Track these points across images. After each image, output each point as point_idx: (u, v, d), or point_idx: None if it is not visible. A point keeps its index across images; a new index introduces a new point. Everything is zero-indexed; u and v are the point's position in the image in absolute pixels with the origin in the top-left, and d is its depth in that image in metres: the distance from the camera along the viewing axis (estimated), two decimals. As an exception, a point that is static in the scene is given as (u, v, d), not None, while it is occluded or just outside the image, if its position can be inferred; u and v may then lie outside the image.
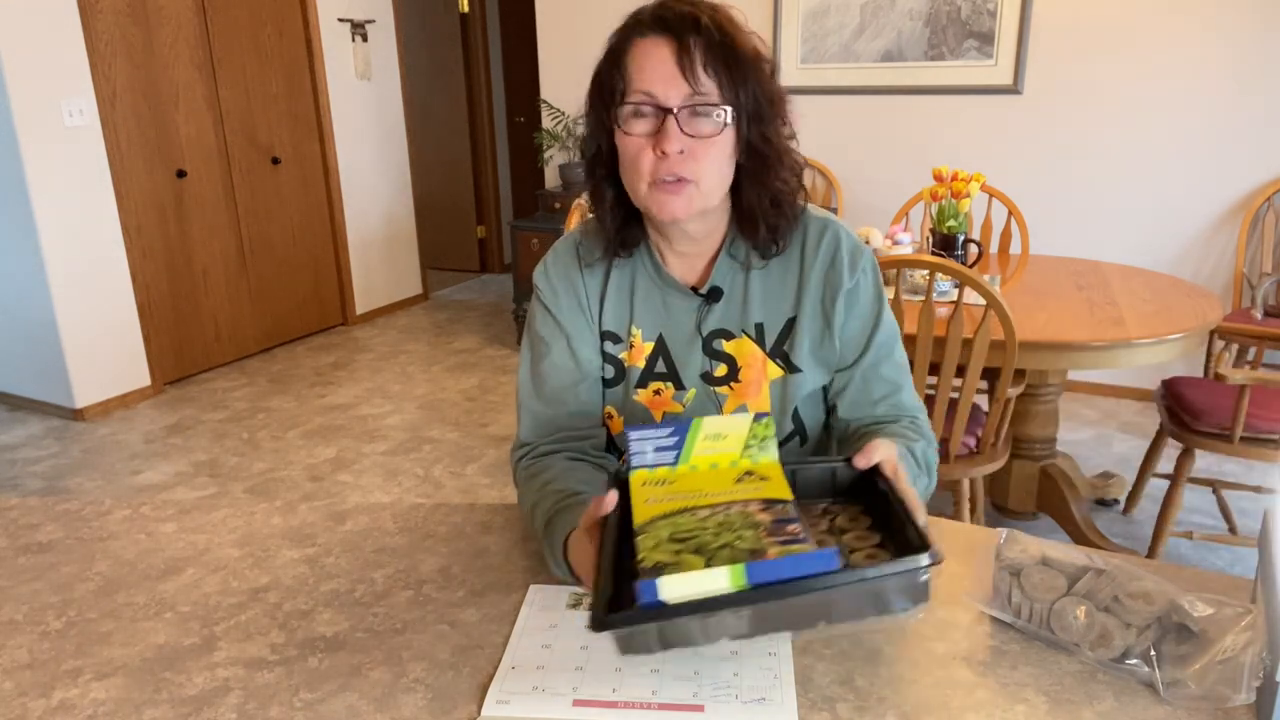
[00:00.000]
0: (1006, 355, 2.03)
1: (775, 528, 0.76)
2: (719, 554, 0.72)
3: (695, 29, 0.96)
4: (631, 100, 0.97)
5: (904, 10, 3.81)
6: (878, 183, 3.96)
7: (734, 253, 1.08)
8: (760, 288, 1.08)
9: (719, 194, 1.02)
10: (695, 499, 0.83)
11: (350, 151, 5.00)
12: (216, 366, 4.44)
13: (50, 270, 3.64)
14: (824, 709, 0.77)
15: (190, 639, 0.89)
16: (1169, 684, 0.76)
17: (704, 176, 0.98)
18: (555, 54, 4.71)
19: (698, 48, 0.95)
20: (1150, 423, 3.52)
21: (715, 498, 0.82)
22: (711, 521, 0.78)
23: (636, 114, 0.98)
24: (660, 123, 0.96)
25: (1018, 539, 0.88)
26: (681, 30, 0.96)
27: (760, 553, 0.72)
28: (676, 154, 0.96)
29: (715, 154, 0.98)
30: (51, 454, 3.49)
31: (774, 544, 0.73)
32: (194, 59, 4.14)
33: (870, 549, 0.80)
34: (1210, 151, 3.45)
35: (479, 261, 6.38)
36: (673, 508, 0.82)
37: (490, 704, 0.78)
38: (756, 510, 0.79)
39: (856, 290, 1.06)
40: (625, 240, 1.09)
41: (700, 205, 1.00)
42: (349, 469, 3.29)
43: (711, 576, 0.69)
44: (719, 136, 0.97)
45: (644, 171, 0.98)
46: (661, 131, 0.96)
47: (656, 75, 0.96)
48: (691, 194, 0.99)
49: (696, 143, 0.97)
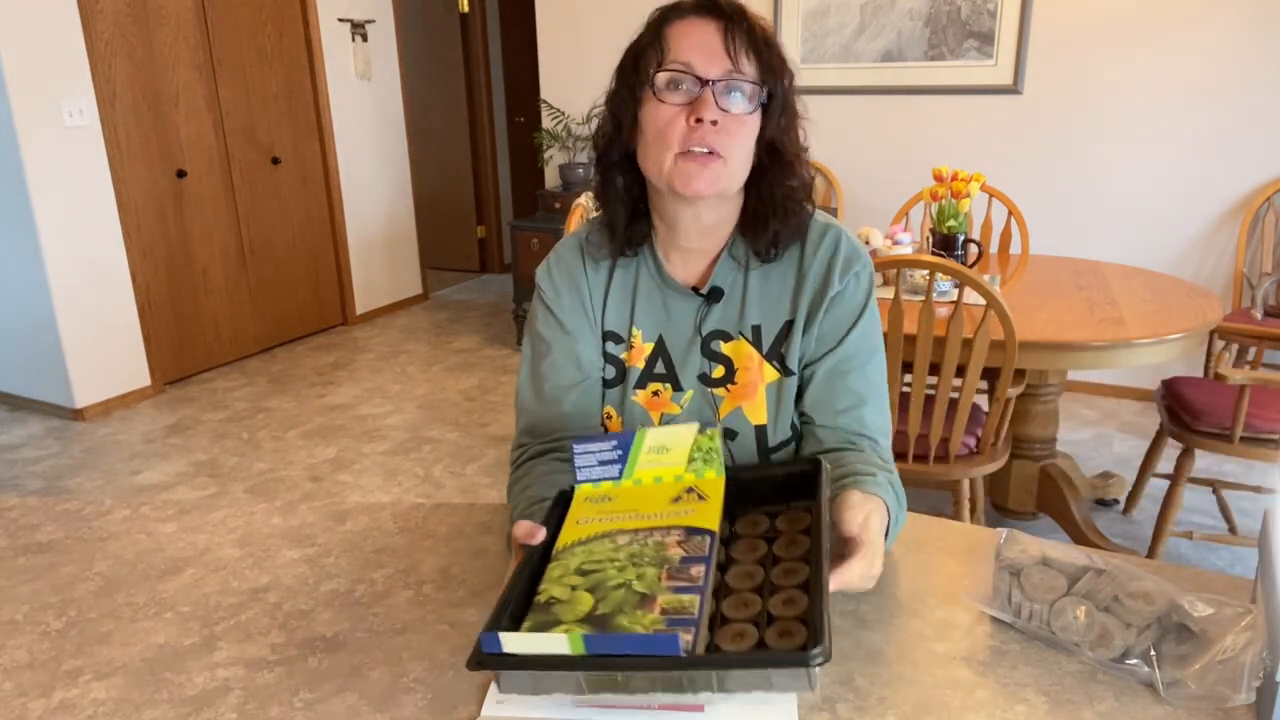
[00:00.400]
0: (1006, 355, 2.03)
1: (679, 569, 0.77)
2: (611, 595, 0.75)
3: (743, 16, 0.99)
4: (670, 68, 0.98)
5: (904, 10, 3.81)
6: (878, 183, 3.96)
7: (735, 253, 1.08)
8: (759, 290, 1.08)
9: (740, 178, 1.03)
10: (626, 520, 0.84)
11: (350, 151, 5.00)
12: (216, 366, 4.44)
13: (50, 270, 3.64)
14: (824, 709, 0.77)
15: (190, 639, 0.89)
16: (1169, 684, 0.76)
17: (733, 154, 0.99)
18: (555, 54, 4.71)
19: (742, 30, 0.98)
20: (1150, 423, 3.52)
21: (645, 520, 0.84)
22: (624, 553, 0.80)
23: (673, 83, 0.98)
24: (697, 93, 0.98)
25: (1018, 539, 0.88)
26: (730, 15, 0.99)
27: (649, 599, 0.74)
28: (710, 124, 0.97)
29: (745, 134, 1.00)
30: (51, 454, 3.49)
31: (668, 590, 0.75)
32: (194, 59, 4.15)
33: (791, 562, 0.82)
34: (1210, 151, 3.45)
35: (479, 261, 6.38)
36: (599, 530, 0.84)
37: (490, 704, 0.78)
38: (674, 542, 0.80)
39: (843, 294, 1.05)
40: (631, 237, 1.09)
41: (724, 185, 1.01)
42: (349, 469, 3.29)
43: (552, 641, 0.70)
44: (750, 118, 0.99)
45: (673, 140, 0.98)
46: (698, 101, 0.97)
47: (699, 49, 0.98)
48: (719, 170, 0.99)
49: (729, 118, 0.98)
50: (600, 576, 0.78)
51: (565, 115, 4.69)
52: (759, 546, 0.86)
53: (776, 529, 0.88)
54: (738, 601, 0.79)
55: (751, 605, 0.78)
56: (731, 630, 0.76)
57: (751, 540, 0.87)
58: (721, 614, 0.78)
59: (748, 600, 0.79)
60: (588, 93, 4.65)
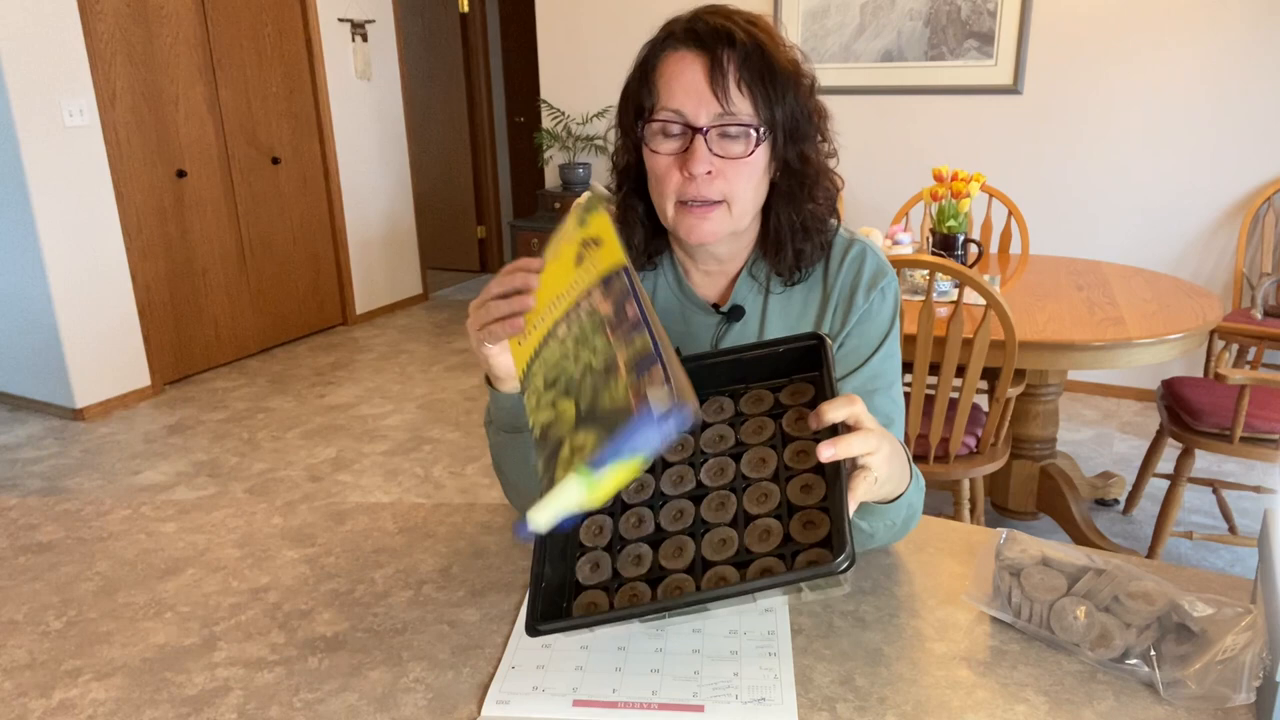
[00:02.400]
0: (1006, 355, 2.03)
1: (617, 320, 0.76)
2: (583, 387, 0.75)
3: (729, 43, 0.92)
4: (659, 118, 0.94)
5: (904, 10, 3.81)
6: (878, 183, 3.96)
7: (755, 273, 1.05)
8: (780, 310, 1.05)
9: (751, 214, 0.99)
10: (553, 311, 0.83)
11: (350, 151, 5.00)
12: (216, 366, 4.44)
13: (50, 270, 3.64)
14: (824, 709, 0.77)
15: (190, 639, 0.89)
16: (1169, 684, 0.76)
17: (736, 198, 0.95)
18: (555, 54, 4.71)
19: (731, 63, 0.91)
20: (1150, 423, 3.52)
21: (567, 298, 0.82)
22: (570, 340, 0.79)
23: (664, 132, 0.94)
24: (689, 142, 0.93)
25: (1018, 539, 0.88)
26: (714, 44, 0.92)
27: (612, 365, 0.73)
28: (704, 175, 0.93)
29: (747, 174, 0.95)
30: (51, 454, 3.49)
31: (620, 343, 0.74)
32: (194, 59, 4.15)
33: (802, 442, 0.84)
34: (1210, 151, 3.45)
35: (479, 261, 6.38)
36: (539, 337, 0.83)
37: (490, 704, 0.78)
38: (600, 298, 0.79)
39: (869, 312, 1.03)
40: (650, 252, 1.07)
41: (730, 228, 0.97)
42: (349, 469, 3.29)
43: (567, 493, 0.70)
44: (751, 157, 0.94)
45: (670, 192, 0.95)
46: (689, 151, 0.93)
47: (687, 93, 0.92)
48: (721, 216, 0.96)
49: (726, 163, 0.93)
50: (565, 377, 0.77)
51: (565, 115, 4.69)
52: (767, 425, 0.87)
53: (781, 403, 0.88)
54: (758, 494, 0.82)
55: (772, 496, 0.81)
56: (758, 529, 0.79)
57: (759, 420, 0.88)
58: (744, 510, 0.81)
59: (767, 491, 0.82)
60: (588, 93, 4.65)
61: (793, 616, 0.89)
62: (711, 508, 0.83)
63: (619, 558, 0.83)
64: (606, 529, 0.86)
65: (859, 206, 4.01)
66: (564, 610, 0.81)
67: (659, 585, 0.80)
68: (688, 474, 0.87)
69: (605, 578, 0.82)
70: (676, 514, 0.85)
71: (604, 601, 0.81)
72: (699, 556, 0.80)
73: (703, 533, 0.82)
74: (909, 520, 0.98)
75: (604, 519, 0.87)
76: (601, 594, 0.81)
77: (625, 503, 0.87)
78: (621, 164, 1.04)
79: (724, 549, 0.80)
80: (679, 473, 0.88)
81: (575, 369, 0.77)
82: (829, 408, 0.76)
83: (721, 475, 0.85)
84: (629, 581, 0.81)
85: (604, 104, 4.61)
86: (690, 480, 0.86)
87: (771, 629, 0.87)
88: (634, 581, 0.81)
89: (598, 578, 0.83)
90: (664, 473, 0.88)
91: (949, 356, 2.05)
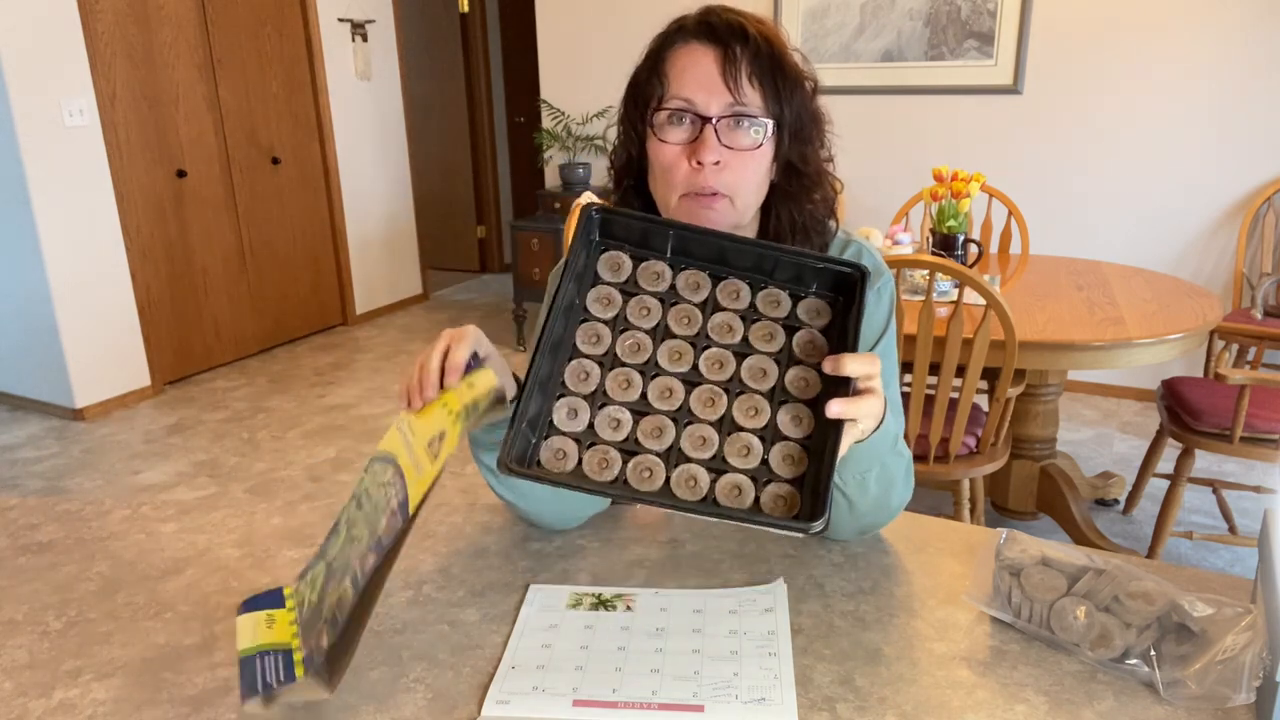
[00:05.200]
0: (1006, 355, 2.03)
1: (358, 560, 0.79)
2: (334, 566, 0.81)
3: (743, 38, 0.93)
4: (669, 106, 0.94)
5: (904, 10, 3.81)
6: (878, 183, 3.96)
7: None
8: None
9: (753, 210, 0.99)
10: (407, 445, 0.85)
11: (350, 151, 5.00)
12: (216, 366, 4.44)
13: (50, 270, 3.64)
14: (824, 709, 0.77)
15: (190, 639, 0.89)
16: (1169, 684, 0.76)
17: (740, 191, 0.95)
18: (555, 54, 4.71)
19: (744, 57, 0.92)
20: (1150, 423, 3.52)
21: (409, 455, 0.84)
22: (370, 505, 0.84)
23: (673, 121, 0.94)
24: (698, 132, 0.93)
25: (1018, 539, 0.88)
26: (728, 38, 0.93)
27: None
28: (712, 165, 0.93)
29: (753, 168, 0.95)
30: (51, 454, 3.49)
31: (334, 594, 0.78)
32: (194, 59, 4.14)
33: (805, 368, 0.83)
34: (1210, 152, 3.45)
35: (479, 261, 6.38)
36: (395, 443, 0.86)
37: (490, 704, 0.78)
38: (394, 499, 0.81)
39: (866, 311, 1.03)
40: None
41: (733, 221, 0.97)
42: (349, 469, 3.29)
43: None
44: (758, 150, 0.94)
45: (677, 182, 0.95)
46: (699, 140, 0.93)
47: (698, 82, 0.93)
48: (725, 209, 0.96)
49: (734, 155, 0.94)
50: (343, 537, 0.83)
51: (565, 115, 4.69)
52: (778, 334, 0.85)
53: (798, 315, 0.86)
54: (749, 405, 0.81)
55: (761, 413, 0.81)
56: (739, 442, 0.79)
57: (771, 325, 0.85)
58: (731, 416, 0.81)
59: (758, 406, 0.81)
60: (588, 93, 4.65)
61: (793, 617, 0.89)
62: (701, 400, 0.81)
63: (598, 415, 0.81)
64: (593, 377, 0.82)
65: (859, 206, 4.01)
66: (533, 446, 0.79)
67: (631, 459, 0.79)
68: (687, 352, 0.84)
69: (580, 429, 0.80)
70: (665, 391, 0.82)
71: (573, 451, 0.79)
72: (676, 445, 0.79)
73: (686, 422, 0.80)
74: (888, 492, 0.96)
75: (591, 365, 0.83)
76: (573, 444, 0.80)
77: (618, 356, 0.84)
78: (621, 160, 1.04)
79: (702, 448, 0.79)
80: (679, 348, 0.84)
81: (342, 539, 0.82)
82: (850, 360, 0.77)
83: (720, 370, 0.83)
84: (602, 444, 0.79)
85: (604, 104, 4.61)
86: (688, 361, 0.83)
87: (771, 629, 0.87)
88: (607, 445, 0.79)
89: (572, 426, 0.80)
90: (664, 342, 0.85)
91: (949, 356, 2.05)
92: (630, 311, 0.86)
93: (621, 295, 0.87)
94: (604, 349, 0.84)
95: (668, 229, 0.88)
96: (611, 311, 0.86)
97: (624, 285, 0.87)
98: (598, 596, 0.93)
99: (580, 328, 0.84)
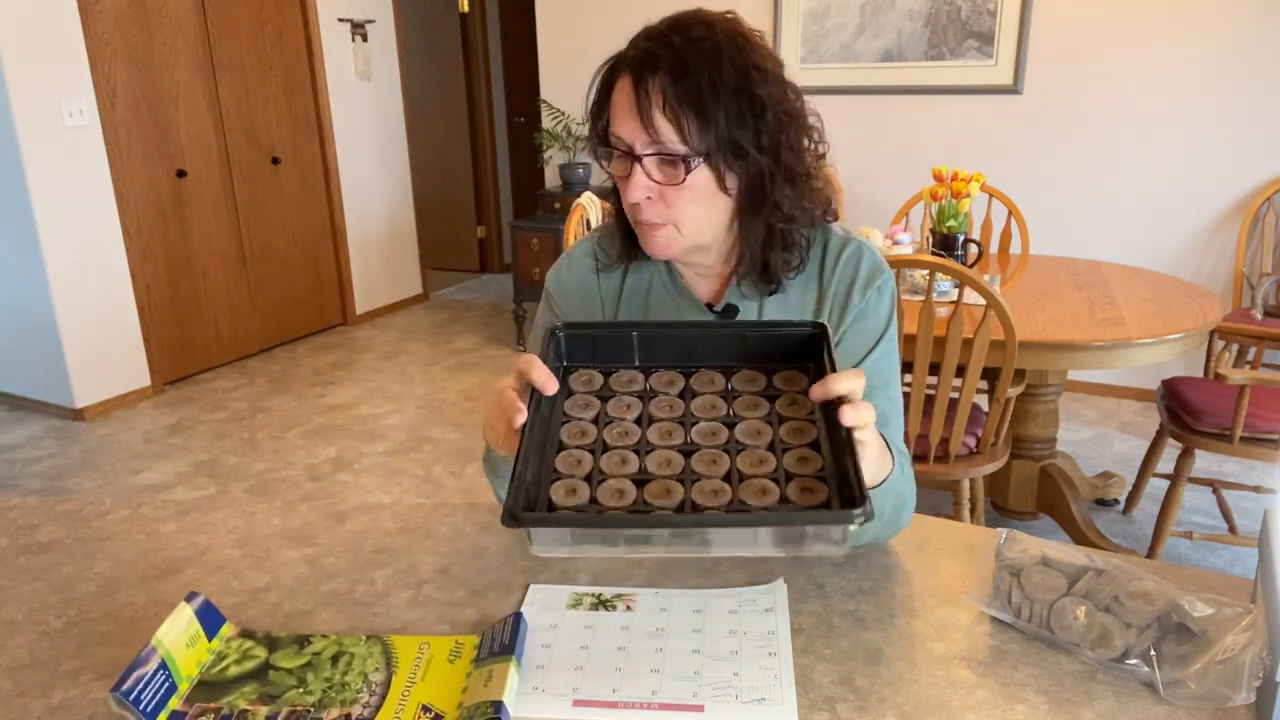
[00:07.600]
0: (1006, 355, 2.03)
1: None
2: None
3: (653, 68, 0.89)
4: (609, 144, 0.95)
5: (904, 10, 3.81)
6: (878, 183, 3.96)
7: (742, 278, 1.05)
8: (777, 309, 1.05)
9: (708, 232, 0.99)
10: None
11: (350, 151, 5.00)
12: (216, 366, 4.44)
13: (50, 270, 3.64)
14: (824, 709, 0.77)
15: (190, 639, 0.89)
16: (1169, 684, 0.76)
17: (680, 220, 0.95)
18: (555, 54, 4.71)
19: (655, 90, 0.89)
20: (1150, 423, 3.52)
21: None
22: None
23: (615, 155, 0.95)
24: (629, 167, 0.94)
25: (1018, 539, 0.88)
26: (639, 71, 0.90)
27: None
28: (645, 200, 0.94)
29: (687, 198, 0.94)
30: (51, 454, 3.49)
31: None
32: (194, 59, 4.15)
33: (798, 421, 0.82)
34: (1210, 151, 3.45)
35: (479, 261, 6.38)
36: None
37: (490, 704, 0.78)
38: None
39: (865, 311, 1.02)
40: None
41: (683, 245, 0.98)
42: (349, 469, 3.29)
43: None
44: (688, 181, 0.92)
45: (628, 210, 0.98)
46: (630, 175, 0.94)
47: (623, 120, 0.93)
48: (671, 235, 0.97)
49: (665, 189, 0.93)
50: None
51: (565, 115, 4.69)
52: (761, 404, 0.85)
53: (775, 386, 0.87)
54: (753, 458, 0.79)
55: (767, 463, 0.78)
56: (753, 486, 0.75)
57: (753, 397, 0.86)
58: (738, 469, 0.78)
59: (763, 458, 0.79)
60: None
61: (793, 617, 0.89)
62: (704, 462, 0.78)
63: (599, 489, 0.76)
64: (586, 462, 0.79)
65: (859, 206, 4.01)
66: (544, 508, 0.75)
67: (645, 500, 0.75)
68: (677, 430, 0.82)
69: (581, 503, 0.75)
70: (664, 462, 0.79)
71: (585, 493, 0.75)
72: (689, 499, 0.74)
73: (693, 481, 0.76)
74: (899, 512, 0.97)
75: (583, 454, 0.79)
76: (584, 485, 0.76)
77: (606, 444, 0.81)
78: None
79: (716, 498, 0.74)
80: (668, 428, 0.82)
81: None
82: (836, 379, 0.76)
83: (714, 438, 0.81)
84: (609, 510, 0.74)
85: (604, 104, 4.61)
86: (680, 436, 0.81)
87: (771, 629, 0.87)
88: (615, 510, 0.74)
89: (573, 501, 0.75)
90: (652, 425, 0.83)
91: (949, 356, 2.05)
92: (611, 408, 0.86)
93: (599, 399, 0.87)
94: (592, 439, 0.82)
95: (630, 330, 0.89)
96: (592, 412, 0.85)
97: (599, 392, 0.88)
98: (598, 596, 0.93)
99: (564, 428, 0.83)
